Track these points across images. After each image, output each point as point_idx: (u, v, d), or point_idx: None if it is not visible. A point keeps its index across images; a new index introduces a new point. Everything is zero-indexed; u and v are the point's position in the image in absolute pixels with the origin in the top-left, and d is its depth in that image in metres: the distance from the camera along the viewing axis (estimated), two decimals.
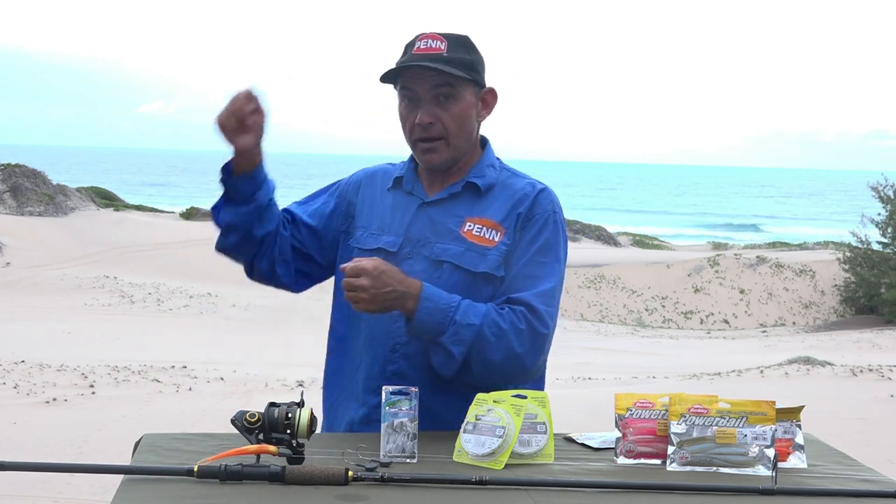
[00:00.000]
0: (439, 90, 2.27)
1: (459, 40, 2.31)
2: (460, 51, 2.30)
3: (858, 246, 24.32)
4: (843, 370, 10.22)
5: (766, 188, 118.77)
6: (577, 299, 23.75)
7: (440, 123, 2.28)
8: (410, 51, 2.29)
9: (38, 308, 15.93)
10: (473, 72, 2.31)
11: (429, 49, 2.27)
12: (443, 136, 2.29)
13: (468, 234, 2.30)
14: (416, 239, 2.32)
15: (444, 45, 2.28)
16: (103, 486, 5.22)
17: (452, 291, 2.24)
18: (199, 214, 29.36)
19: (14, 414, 7.47)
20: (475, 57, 2.33)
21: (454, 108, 2.28)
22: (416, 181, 2.39)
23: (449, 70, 2.25)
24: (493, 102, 2.39)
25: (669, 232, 45.74)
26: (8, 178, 26.44)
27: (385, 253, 2.31)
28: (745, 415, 2.02)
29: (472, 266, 2.27)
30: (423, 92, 2.28)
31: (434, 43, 2.28)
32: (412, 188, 2.38)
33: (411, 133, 2.31)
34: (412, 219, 2.34)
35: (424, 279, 2.24)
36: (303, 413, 1.90)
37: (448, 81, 2.27)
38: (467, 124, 2.32)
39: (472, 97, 2.32)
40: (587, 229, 33.32)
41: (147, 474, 1.86)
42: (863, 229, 24.18)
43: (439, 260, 2.29)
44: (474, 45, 2.34)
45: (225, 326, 15.17)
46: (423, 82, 2.27)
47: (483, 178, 2.35)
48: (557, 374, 11.11)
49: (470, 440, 2.01)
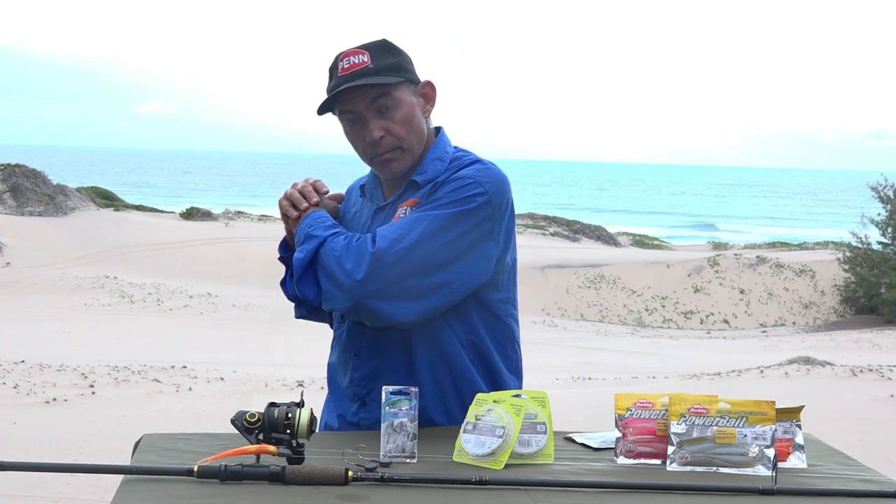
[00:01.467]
0: (378, 102, 2.26)
1: (380, 46, 2.29)
2: (384, 56, 2.28)
3: (858, 246, 24.32)
4: (843, 370, 10.22)
5: (765, 188, 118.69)
6: (577, 299, 23.76)
7: (390, 135, 2.27)
8: (336, 73, 2.28)
9: (38, 308, 15.94)
10: (403, 72, 2.29)
11: (353, 67, 2.25)
12: (396, 145, 2.28)
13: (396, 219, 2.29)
14: None
15: (367, 57, 2.26)
16: (103, 486, 5.22)
17: None
18: (199, 214, 29.37)
19: (14, 414, 7.46)
20: (400, 58, 2.31)
21: (398, 115, 2.27)
22: (375, 187, 2.42)
23: (379, 81, 2.24)
24: (433, 94, 2.37)
25: (668, 233, 45.74)
26: (8, 178, 26.45)
27: None
28: (745, 415, 2.02)
29: None
30: (364, 109, 2.26)
31: (356, 59, 2.26)
32: (372, 195, 2.42)
33: (365, 153, 2.31)
34: (370, 224, 2.37)
35: None
36: (303, 413, 1.90)
37: (383, 92, 2.25)
38: (415, 125, 2.31)
39: (411, 97, 2.30)
40: (587, 229, 33.32)
41: (147, 474, 1.86)
42: (863, 229, 24.19)
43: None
44: (395, 45, 2.32)
45: (225, 326, 15.17)
46: (359, 101, 2.26)
47: (423, 174, 2.33)
48: (557, 374, 11.11)
49: (470, 440, 2.01)
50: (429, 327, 2.27)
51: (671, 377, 10.80)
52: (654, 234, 39.55)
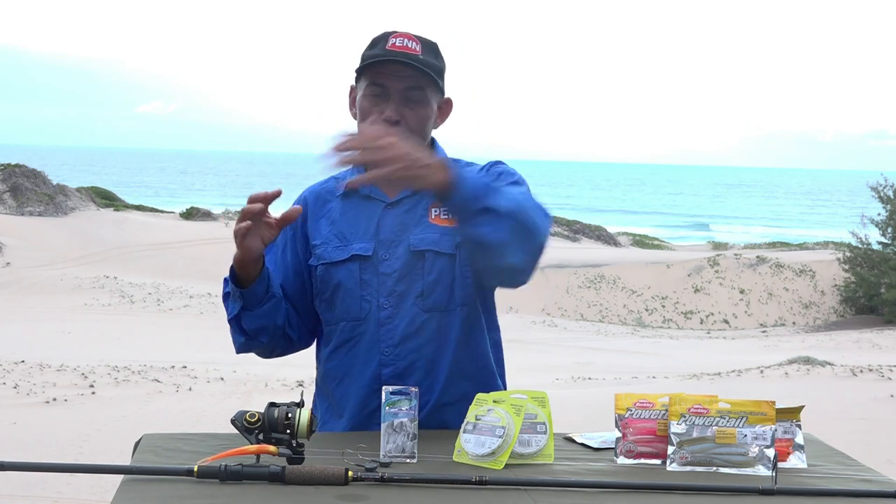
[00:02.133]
0: (410, 91, 2.25)
1: (430, 45, 2.30)
2: (431, 55, 2.28)
3: (858, 246, 24.33)
4: (843, 370, 10.22)
5: (765, 188, 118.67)
6: (577, 299, 23.76)
7: (405, 122, 2.26)
8: (383, 45, 2.26)
9: (38, 308, 15.94)
10: (441, 79, 2.31)
11: (405, 48, 2.24)
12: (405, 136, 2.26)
13: (437, 220, 2.30)
14: (388, 240, 2.30)
15: (419, 47, 2.26)
16: (103, 486, 5.22)
17: (438, 277, 2.27)
18: (199, 214, 29.38)
19: (14, 414, 7.47)
20: (442, 64, 2.32)
21: (420, 110, 2.27)
22: (371, 185, 2.33)
23: (426, 71, 2.24)
24: (448, 112, 2.38)
25: (668, 233, 45.75)
26: (8, 178, 26.45)
27: (360, 259, 2.29)
28: (745, 415, 2.02)
29: (451, 249, 2.27)
30: (394, 89, 2.25)
31: (409, 43, 2.25)
32: (369, 192, 2.34)
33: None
34: (379, 222, 2.32)
35: (406, 273, 2.27)
36: (303, 413, 1.90)
37: (420, 84, 2.25)
38: (427, 128, 2.31)
39: (434, 103, 2.31)
40: (587, 229, 33.31)
41: (147, 474, 1.86)
42: (863, 229, 24.20)
43: (418, 250, 2.28)
44: (441, 52, 2.33)
45: (225, 326, 15.01)
46: (396, 80, 2.24)
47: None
48: (557, 374, 11.12)
49: (470, 440, 2.01)
50: (469, 323, 2.30)
51: (671, 377, 10.80)
52: (654, 234, 39.55)
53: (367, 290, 2.29)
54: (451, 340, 2.29)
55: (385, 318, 2.28)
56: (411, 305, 2.27)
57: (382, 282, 2.28)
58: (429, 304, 2.27)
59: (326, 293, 2.34)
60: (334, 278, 2.31)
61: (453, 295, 2.28)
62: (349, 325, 2.32)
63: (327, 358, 2.38)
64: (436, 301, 2.27)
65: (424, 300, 2.27)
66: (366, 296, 2.29)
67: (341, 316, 2.33)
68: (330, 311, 2.35)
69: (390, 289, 2.28)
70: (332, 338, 2.36)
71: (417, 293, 2.27)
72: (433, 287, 2.27)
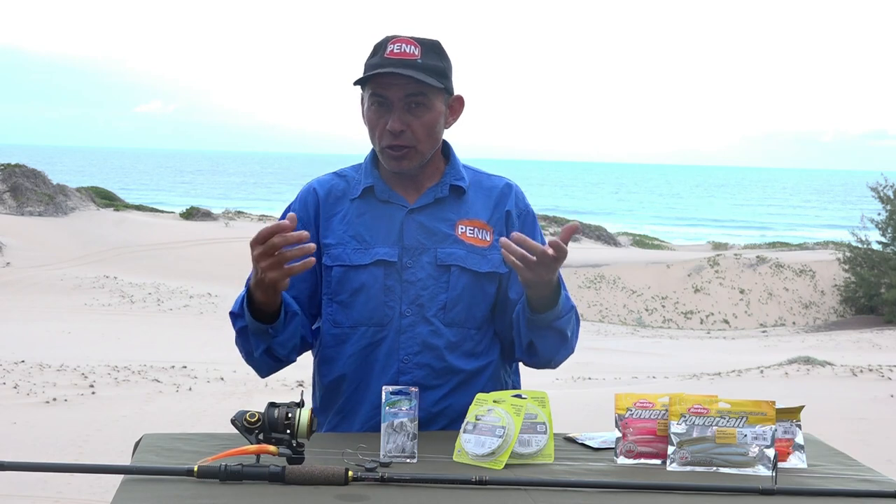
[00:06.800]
0: (412, 98, 2.24)
1: (432, 46, 2.27)
2: (433, 57, 2.26)
3: (858, 246, 24.32)
4: (843, 370, 10.21)
5: (765, 188, 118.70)
6: (577, 299, 23.73)
7: (410, 131, 2.25)
8: (382, 53, 2.24)
9: (38, 308, 15.92)
10: (445, 79, 2.28)
11: (403, 54, 2.22)
12: (412, 144, 2.26)
13: (464, 237, 2.32)
14: (412, 247, 2.30)
15: (418, 51, 2.24)
16: (103, 486, 5.22)
17: (461, 292, 2.29)
18: (199, 214, 29.37)
19: (14, 414, 7.46)
20: (446, 64, 2.30)
21: (425, 117, 2.26)
22: (389, 189, 2.34)
23: (423, 79, 2.21)
24: (460, 109, 2.37)
25: (667, 233, 45.73)
26: (8, 178, 26.43)
27: (385, 264, 2.28)
28: (745, 415, 2.02)
29: (477, 266, 2.30)
30: (395, 98, 2.24)
31: (408, 48, 2.23)
32: (388, 196, 2.33)
33: (380, 139, 2.27)
34: (402, 227, 2.31)
35: (431, 284, 2.28)
36: (303, 413, 1.90)
37: (421, 90, 2.23)
38: (436, 132, 2.30)
39: (441, 105, 2.29)
40: (587, 229, 33.30)
41: (147, 474, 1.86)
42: (863, 229, 24.19)
43: (445, 265, 2.29)
44: (445, 50, 2.31)
45: (225, 326, 15.07)
46: (395, 89, 2.23)
47: (463, 179, 2.36)
48: (557, 374, 11.10)
49: (470, 440, 2.01)
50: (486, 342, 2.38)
51: (671, 377, 10.80)
52: (654, 234, 39.54)
53: (390, 296, 2.29)
54: (468, 354, 2.32)
55: (406, 325, 2.28)
56: (432, 317, 2.28)
57: (406, 289, 2.28)
58: (449, 319, 2.29)
59: (343, 295, 2.31)
60: (355, 282, 2.29)
61: (472, 313, 2.31)
62: (370, 329, 2.30)
63: (342, 361, 2.33)
64: (456, 316, 2.30)
65: (446, 314, 2.29)
66: (389, 302, 2.28)
67: (361, 320, 2.30)
68: (345, 314, 2.31)
69: (413, 297, 2.28)
70: (347, 341, 2.32)
71: (440, 305, 2.29)
72: (455, 302, 2.29)
